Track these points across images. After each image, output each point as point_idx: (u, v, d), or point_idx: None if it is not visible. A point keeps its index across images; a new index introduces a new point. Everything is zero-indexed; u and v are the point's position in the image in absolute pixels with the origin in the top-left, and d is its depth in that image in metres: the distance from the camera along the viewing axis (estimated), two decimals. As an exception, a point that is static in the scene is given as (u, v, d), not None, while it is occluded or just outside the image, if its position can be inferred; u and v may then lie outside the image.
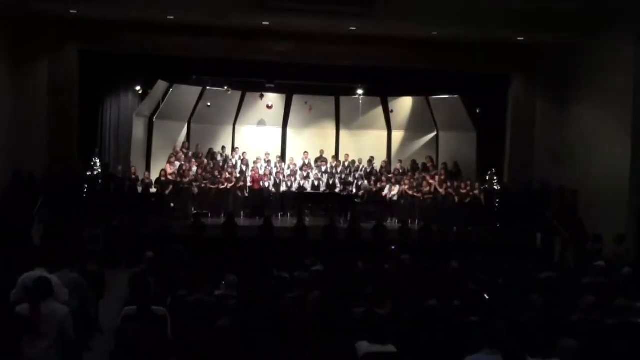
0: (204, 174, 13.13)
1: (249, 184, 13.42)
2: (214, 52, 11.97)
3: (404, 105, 15.57)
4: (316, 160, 14.97)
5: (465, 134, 14.52)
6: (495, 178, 12.94)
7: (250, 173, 13.92)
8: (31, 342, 3.81)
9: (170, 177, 12.66)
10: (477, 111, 14.04)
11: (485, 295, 5.85)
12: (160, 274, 6.09)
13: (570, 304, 5.17)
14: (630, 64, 9.82)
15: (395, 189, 13.30)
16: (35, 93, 11.13)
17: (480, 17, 10.62)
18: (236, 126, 15.67)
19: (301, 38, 12.04)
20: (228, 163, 13.99)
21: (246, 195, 13.22)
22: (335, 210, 12.80)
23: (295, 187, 13.79)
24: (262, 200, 13.18)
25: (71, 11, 10.46)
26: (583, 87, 11.53)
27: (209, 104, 14.58)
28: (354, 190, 13.57)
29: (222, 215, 12.73)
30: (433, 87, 14.29)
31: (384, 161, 14.85)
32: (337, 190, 13.70)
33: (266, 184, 13.47)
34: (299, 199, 13.25)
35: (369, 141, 15.87)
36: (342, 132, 16.00)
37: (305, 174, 14.17)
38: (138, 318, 4.34)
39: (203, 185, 12.63)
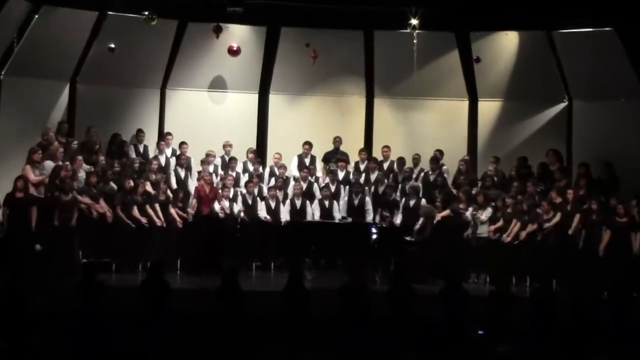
0: (102, 185, 13.22)
1: (191, 206, 13.60)
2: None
3: (501, 49, 15.64)
4: (326, 158, 15.15)
5: (629, 107, 14.64)
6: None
7: (194, 184, 14.04)
8: None
9: (34, 192, 12.74)
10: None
11: None
12: None
13: None
14: None
15: (485, 214, 13.35)
16: None
17: None
18: (167, 91, 15.85)
19: None
20: (150, 165, 14.07)
21: (187, 225, 13.44)
22: (365, 258, 13.00)
23: (285, 212, 13.97)
24: (218, 236, 13.35)
25: None
26: None
27: (111, 45, 14.64)
28: (402, 218, 13.67)
29: (140, 266, 13.00)
30: (561, 13, 14.38)
31: (464, 159, 14.88)
32: (367, 218, 13.89)
33: (225, 205, 13.60)
34: (292, 236, 13.42)
35: (431, 120, 16.00)
36: (378, 103, 16.15)
37: (304, 185, 14.27)
38: None
39: (101, 208, 12.96)
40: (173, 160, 14.57)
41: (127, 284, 11.54)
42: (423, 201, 13.79)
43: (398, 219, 13.73)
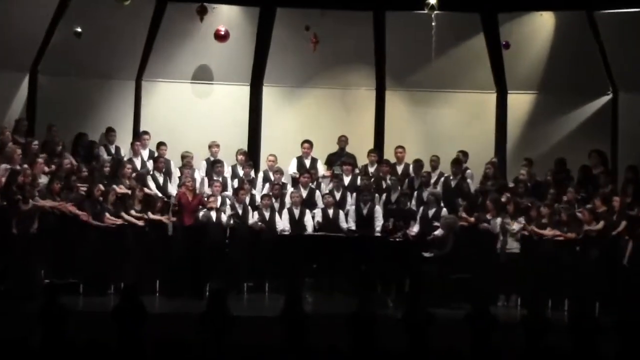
0: (66, 192, 13.18)
1: (170, 217, 13.66)
2: None
3: (535, 32, 15.66)
4: (330, 161, 15.17)
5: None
6: None
7: (174, 190, 14.08)
8: None
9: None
10: None
11: None
12: None
13: None
14: None
15: (516, 226, 13.40)
16: None
17: None
18: (142, 83, 15.88)
19: None
20: (123, 169, 14.09)
21: (166, 239, 13.48)
22: (375, 278, 13.01)
23: (281, 223, 14.01)
24: (203, 252, 13.37)
25: None
26: None
27: (78, 29, 14.64)
28: (418, 231, 13.71)
29: (112, 288, 13.03)
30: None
31: (491, 162, 14.87)
32: (377, 230, 13.92)
33: (211, 216, 13.64)
34: (290, 252, 13.41)
35: (453, 116, 16.03)
36: (390, 97, 16.19)
37: (304, 192, 14.35)
38: None
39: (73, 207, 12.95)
40: (150, 164, 14.53)
41: (97, 308, 11.54)
42: (444, 211, 13.77)
43: (414, 232, 13.70)
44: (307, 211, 14.11)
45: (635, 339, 9.53)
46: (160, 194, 13.90)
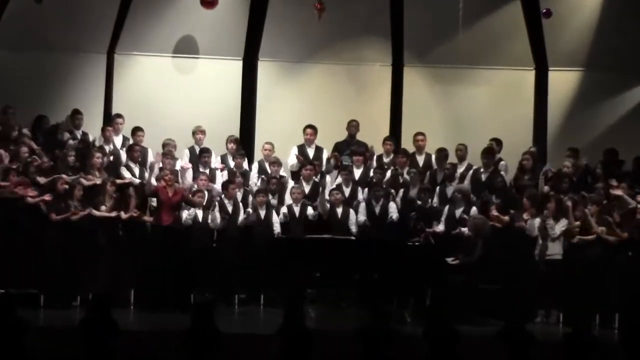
0: (23, 187, 13.14)
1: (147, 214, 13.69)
2: None
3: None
4: (338, 150, 15.16)
5: None
6: None
7: (152, 183, 13.98)
8: None
9: None
10: None
11: None
12: None
13: None
14: None
15: (558, 228, 13.36)
16: None
17: None
18: (115, 57, 15.90)
19: None
20: (92, 159, 13.99)
21: (144, 241, 13.52)
22: (391, 288, 13.05)
23: (279, 224, 14.02)
24: (187, 258, 13.41)
25: None
26: None
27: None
28: (441, 229, 13.79)
29: (79, 300, 13.10)
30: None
31: (529, 152, 14.85)
32: (392, 231, 13.89)
33: (197, 216, 13.67)
34: (289, 257, 13.38)
35: (483, 97, 16.08)
36: (409, 74, 16.21)
37: (307, 187, 14.39)
38: None
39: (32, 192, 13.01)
40: (124, 154, 14.49)
41: (61, 323, 11.55)
42: (473, 210, 13.77)
43: (440, 229, 13.73)
44: (310, 210, 14.06)
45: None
46: (138, 181, 13.92)
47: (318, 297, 13.58)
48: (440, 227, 13.81)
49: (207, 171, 14.34)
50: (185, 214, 13.55)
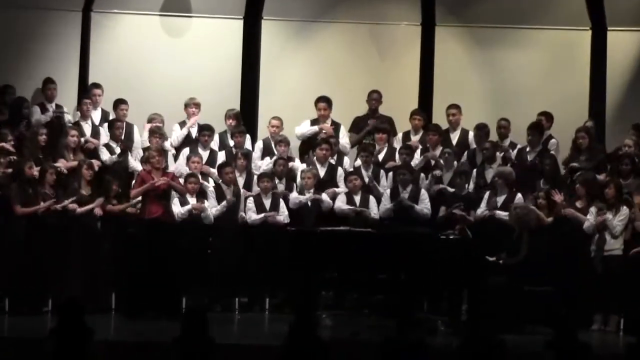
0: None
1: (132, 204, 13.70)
2: None
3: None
4: (357, 126, 15.21)
5: None
6: None
7: (137, 168, 14.18)
8: None
9: None
10: None
11: None
12: None
13: None
14: None
15: (619, 219, 13.28)
16: None
17: None
18: (92, 15, 15.90)
19: None
20: (66, 137, 14.11)
21: (127, 237, 13.57)
22: (420, 291, 13.15)
23: (287, 214, 14.09)
24: (177, 256, 13.43)
25: None
26: None
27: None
28: (481, 225, 13.78)
29: (49, 305, 13.10)
30: None
31: (584, 128, 14.79)
32: (417, 221, 13.92)
33: (184, 209, 13.73)
34: (299, 254, 13.31)
35: (530, 63, 16.08)
36: (441, 35, 16.22)
37: (322, 170, 14.44)
38: None
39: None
40: (104, 131, 14.56)
41: (29, 333, 11.59)
42: (518, 197, 13.78)
43: (474, 224, 13.71)
44: (325, 197, 14.06)
45: None
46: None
47: (334, 302, 13.69)
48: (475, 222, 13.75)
49: (207, 153, 14.36)
50: (177, 207, 13.60)
